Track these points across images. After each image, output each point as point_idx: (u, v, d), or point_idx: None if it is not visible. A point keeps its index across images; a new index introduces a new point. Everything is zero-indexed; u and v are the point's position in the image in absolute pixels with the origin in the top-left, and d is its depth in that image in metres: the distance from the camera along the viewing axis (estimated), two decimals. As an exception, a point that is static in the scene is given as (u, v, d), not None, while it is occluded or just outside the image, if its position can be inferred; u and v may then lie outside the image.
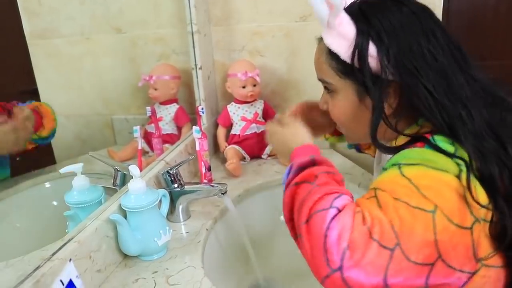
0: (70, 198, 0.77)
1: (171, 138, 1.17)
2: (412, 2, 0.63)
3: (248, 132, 1.22)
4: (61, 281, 0.54)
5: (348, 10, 0.62)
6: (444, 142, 0.55)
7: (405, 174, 0.52)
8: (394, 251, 0.47)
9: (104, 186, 0.83)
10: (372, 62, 0.59)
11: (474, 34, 1.34)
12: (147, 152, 1.11)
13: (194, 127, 1.03)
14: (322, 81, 0.69)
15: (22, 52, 0.92)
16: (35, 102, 0.86)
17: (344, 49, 0.61)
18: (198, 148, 1.03)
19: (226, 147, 1.22)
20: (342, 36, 0.60)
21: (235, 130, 1.24)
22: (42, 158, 0.90)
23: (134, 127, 0.97)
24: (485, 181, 0.53)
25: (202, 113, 1.09)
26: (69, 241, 0.66)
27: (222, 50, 1.30)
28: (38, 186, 0.88)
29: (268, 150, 1.24)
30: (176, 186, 0.88)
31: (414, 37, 0.59)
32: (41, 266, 0.60)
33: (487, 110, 0.58)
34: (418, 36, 0.59)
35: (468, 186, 0.50)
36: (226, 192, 0.86)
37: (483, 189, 0.53)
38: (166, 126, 1.18)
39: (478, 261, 0.52)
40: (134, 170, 0.74)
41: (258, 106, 1.25)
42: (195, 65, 1.20)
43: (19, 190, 0.83)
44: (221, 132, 1.25)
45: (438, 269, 0.49)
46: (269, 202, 1.09)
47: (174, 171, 0.88)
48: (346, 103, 0.66)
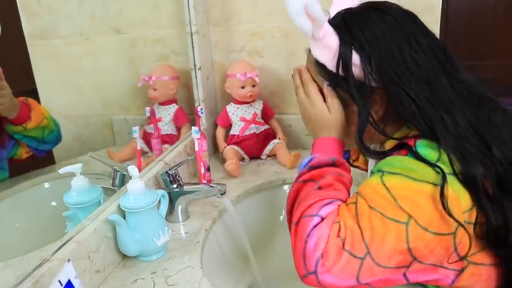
0: (69, 198, 0.77)
1: (170, 139, 1.17)
2: (395, 9, 0.64)
3: (247, 132, 1.22)
4: (59, 281, 0.54)
5: (332, 22, 0.64)
6: (427, 147, 0.56)
7: (385, 183, 0.55)
8: (364, 260, 0.51)
9: (103, 187, 0.84)
10: (356, 70, 0.61)
11: (473, 34, 1.35)
12: (146, 152, 1.11)
13: (193, 128, 1.03)
14: None
15: (21, 52, 0.92)
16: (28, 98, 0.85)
17: (329, 59, 0.63)
18: (197, 148, 1.03)
19: (225, 148, 1.22)
20: (327, 47, 0.63)
21: (234, 131, 1.24)
22: (41, 159, 0.90)
23: (133, 128, 0.97)
24: (467, 182, 0.54)
25: (201, 113, 1.09)
26: (68, 241, 0.67)
27: (221, 50, 1.30)
28: (37, 187, 0.88)
29: (267, 150, 1.24)
30: (175, 186, 0.88)
31: (396, 44, 0.60)
32: (40, 266, 0.60)
33: (473, 112, 0.59)
34: (400, 42, 0.60)
35: (441, 198, 0.51)
36: (225, 192, 0.86)
37: (467, 191, 0.54)
38: (165, 127, 1.18)
39: (462, 259, 0.53)
40: (133, 170, 0.75)
41: (257, 107, 1.25)
42: (194, 65, 1.20)
43: (18, 191, 0.83)
44: (220, 132, 1.26)
45: (415, 267, 0.53)
46: (268, 203, 1.09)
47: (173, 172, 0.88)
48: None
